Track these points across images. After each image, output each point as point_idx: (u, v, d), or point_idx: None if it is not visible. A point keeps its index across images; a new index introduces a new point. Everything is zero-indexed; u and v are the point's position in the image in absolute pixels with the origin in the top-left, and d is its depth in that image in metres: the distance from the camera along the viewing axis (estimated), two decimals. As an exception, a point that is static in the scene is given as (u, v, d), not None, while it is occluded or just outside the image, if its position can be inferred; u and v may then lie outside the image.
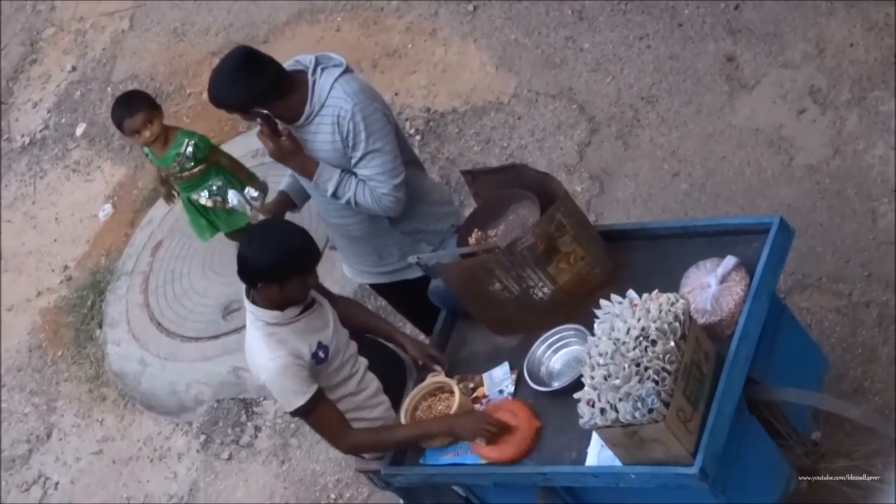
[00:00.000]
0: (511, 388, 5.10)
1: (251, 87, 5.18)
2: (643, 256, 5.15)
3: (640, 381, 4.40)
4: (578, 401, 4.55)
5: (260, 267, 4.86)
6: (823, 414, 4.97)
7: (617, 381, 4.42)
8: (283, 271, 4.85)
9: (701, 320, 4.73)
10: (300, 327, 4.99)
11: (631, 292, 4.66)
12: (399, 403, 5.24)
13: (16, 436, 7.64)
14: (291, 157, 5.35)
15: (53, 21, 9.53)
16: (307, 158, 5.34)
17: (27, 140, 9.01)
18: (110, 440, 7.37)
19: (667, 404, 4.41)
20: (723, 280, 4.79)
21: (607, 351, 4.47)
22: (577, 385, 4.63)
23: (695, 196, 6.51)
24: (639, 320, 4.50)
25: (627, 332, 4.49)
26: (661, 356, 4.44)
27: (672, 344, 4.47)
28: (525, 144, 7.11)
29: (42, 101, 9.13)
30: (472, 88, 7.46)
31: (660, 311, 4.52)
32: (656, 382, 4.41)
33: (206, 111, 8.09)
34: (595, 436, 4.70)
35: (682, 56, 6.95)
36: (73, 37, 9.31)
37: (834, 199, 6.18)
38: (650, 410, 4.39)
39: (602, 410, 4.46)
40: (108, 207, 8.37)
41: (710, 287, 4.79)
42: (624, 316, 4.55)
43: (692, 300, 4.77)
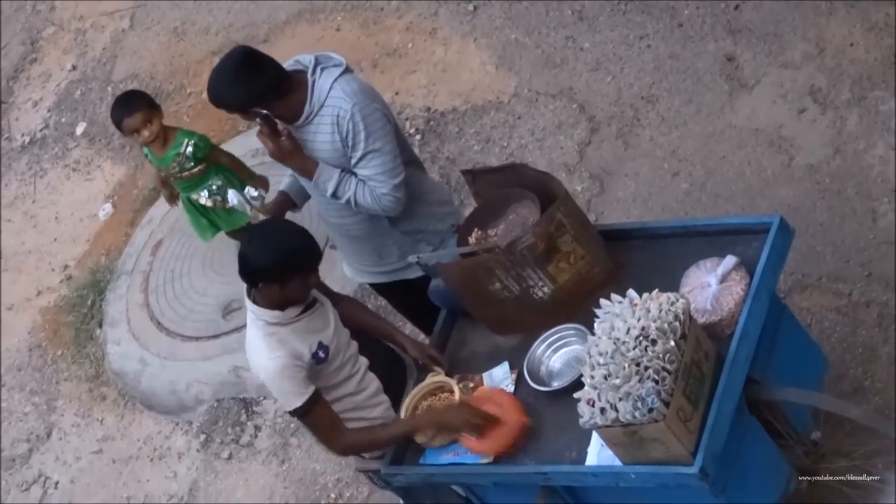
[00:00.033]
0: (511, 388, 5.10)
1: (251, 87, 5.17)
2: (643, 256, 5.15)
3: (640, 381, 4.40)
4: (578, 400, 4.55)
5: (261, 267, 4.86)
6: (823, 414, 4.96)
7: (617, 381, 4.42)
8: (284, 271, 4.85)
9: (701, 320, 4.73)
10: (301, 327, 4.98)
11: (631, 292, 4.65)
12: (399, 403, 5.24)
13: (16, 435, 7.63)
14: (291, 157, 5.34)
15: (54, 20, 9.52)
16: (307, 158, 5.33)
17: (27, 139, 9.00)
18: (110, 439, 7.36)
19: (667, 404, 4.41)
20: (723, 279, 4.79)
21: (607, 350, 4.47)
22: (577, 384, 4.63)
23: (695, 195, 6.50)
24: (639, 320, 4.50)
25: (627, 332, 4.49)
26: (661, 356, 4.43)
27: (672, 343, 4.46)
28: (525, 144, 7.11)
29: (42, 101, 9.13)
30: (472, 88, 7.46)
31: (660, 311, 4.51)
32: (656, 382, 4.41)
33: (206, 110, 8.08)
34: (595, 435, 4.70)
35: (682, 56, 6.95)
36: (74, 36, 9.30)
37: (834, 198, 6.18)
38: (650, 410, 4.39)
39: (602, 410, 4.46)
40: (108, 206, 8.37)
41: (711, 286, 4.79)
42: (624, 315, 4.55)
43: (692, 300, 4.76)
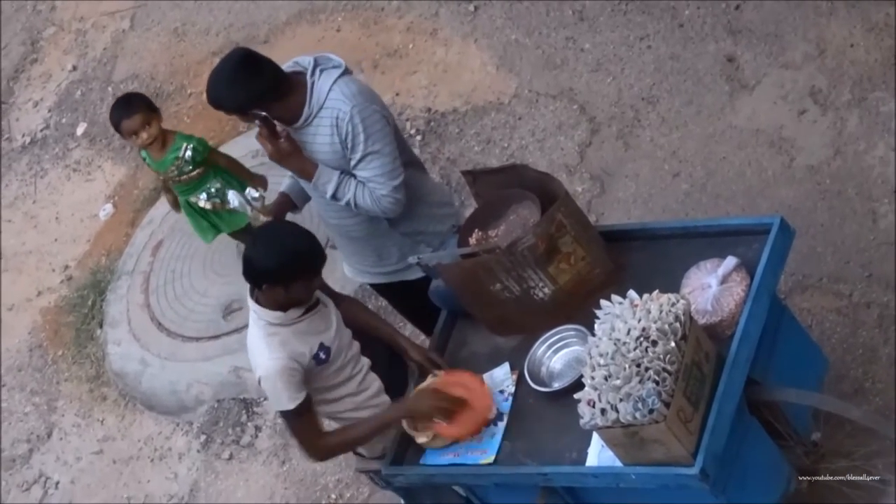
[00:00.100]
0: (511, 389, 5.10)
1: (249, 89, 5.17)
2: (644, 257, 5.15)
3: (640, 382, 4.40)
4: (579, 401, 4.55)
5: (265, 269, 4.86)
6: (824, 414, 4.96)
7: (617, 382, 4.42)
8: (289, 274, 4.85)
9: (701, 321, 4.73)
10: (302, 328, 4.99)
11: (631, 293, 4.66)
12: (400, 403, 5.24)
13: (16, 435, 7.63)
14: (290, 159, 5.33)
15: (54, 21, 9.52)
16: (306, 160, 5.32)
17: (28, 139, 9.00)
18: (111, 440, 7.36)
19: (667, 405, 4.41)
20: (723, 280, 4.79)
21: (608, 351, 4.47)
22: (578, 385, 4.63)
23: (695, 196, 6.50)
24: (639, 321, 4.50)
25: (628, 333, 4.49)
26: (661, 356, 4.44)
27: (672, 344, 4.46)
28: (526, 145, 7.11)
29: (43, 101, 9.13)
30: (472, 89, 7.46)
31: (660, 312, 4.51)
32: (657, 383, 4.41)
33: (206, 111, 8.08)
34: (595, 436, 4.70)
35: (682, 56, 6.95)
36: (74, 36, 9.30)
37: (834, 199, 6.18)
38: (651, 411, 4.39)
39: (602, 411, 4.46)
40: (108, 207, 8.37)
41: (711, 287, 4.79)
42: (624, 316, 4.55)
43: (693, 301, 4.77)
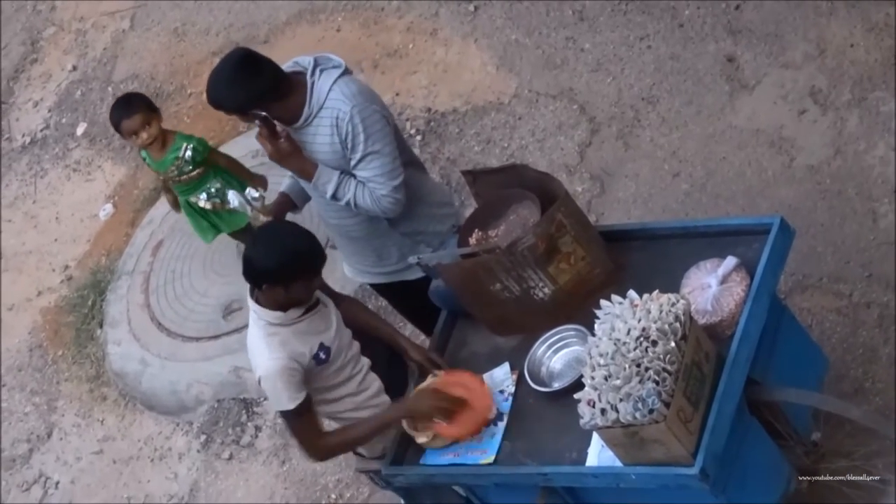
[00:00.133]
0: (511, 389, 5.10)
1: (249, 89, 5.16)
2: (644, 257, 5.15)
3: (640, 382, 4.40)
4: (579, 401, 4.55)
5: (265, 269, 4.86)
6: (824, 414, 4.96)
7: (617, 382, 4.42)
8: (289, 274, 4.85)
9: (701, 321, 4.73)
10: (302, 328, 4.99)
11: (631, 293, 4.65)
12: (400, 403, 5.24)
13: (16, 435, 7.63)
14: (290, 160, 5.33)
15: (54, 20, 9.52)
16: (306, 160, 5.32)
17: (28, 139, 9.00)
18: (111, 440, 7.36)
19: (667, 405, 4.41)
20: (723, 280, 4.79)
21: (608, 351, 4.47)
22: (578, 385, 4.63)
23: (695, 196, 6.50)
24: (639, 321, 4.50)
25: (628, 333, 4.49)
26: (661, 356, 4.44)
27: (672, 344, 4.46)
28: (526, 145, 7.11)
29: (43, 101, 9.13)
30: (472, 88, 7.46)
31: (660, 312, 4.51)
32: (657, 383, 4.41)
33: (206, 111, 8.08)
34: (595, 436, 4.70)
35: (682, 56, 6.95)
36: (74, 36, 9.30)
37: (834, 199, 6.18)
38: (651, 411, 4.39)
39: (602, 411, 4.46)
40: (108, 207, 8.37)
41: (711, 287, 4.79)
42: (624, 316, 4.55)
43: (693, 300, 4.77)
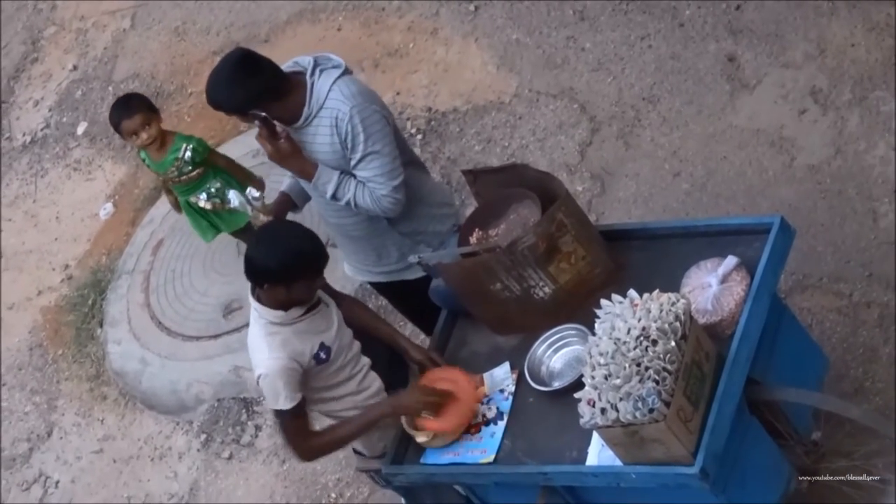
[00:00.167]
0: (512, 388, 5.10)
1: (248, 89, 5.16)
2: (644, 256, 5.15)
3: (640, 381, 4.40)
4: (579, 400, 4.55)
5: (267, 269, 4.86)
6: (824, 414, 4.96)
7: (617, 381, 4.42)
8: (291, 274, 4.85)
9: (702, 320, 4.73)
10: (303, 328, 4.99)
11: (632, 292, 4.65)
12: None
13: (16, 434, 7.63)
14: (290, 160, 5.33)
15: (55, 20, 9.52)
16: (306, 161, 5.32)
17: (28, 139, 9.00)
18: (111, 439, 7.36)
19: (667, 404, 4.41)
20: (724, 280, 4.79)
21: (608, 350, 4.47)
22: (578, 385, 4.63)
23: (696, 196, 6.50)
24: (639, 320, 4.50)
25: (628, 332, 4.49)
26: (661, 356, 4.44)
27: (673, 344, 4.46)
28: (526, 144, 7.10)
29: (43, 100, 9.13)
30: (473, 88, 7.46)
31: (660, 311, 4.51)
32: (657, 382, 4.41)
33: (207, 110, 8.04)
34: (596, 435, 4.70)
35: (683, 56, 6.95)
36: (75, 36, 9.30)
37: (835, 199, 6.18)
38: (651, 410, 4.39)
39: (603, 410, 4.46)
40: (109, 206, 8.37)
41: (711, 287, 4.79)
42: (625, 316, 4.55)
43: (693, 300, 4.76)
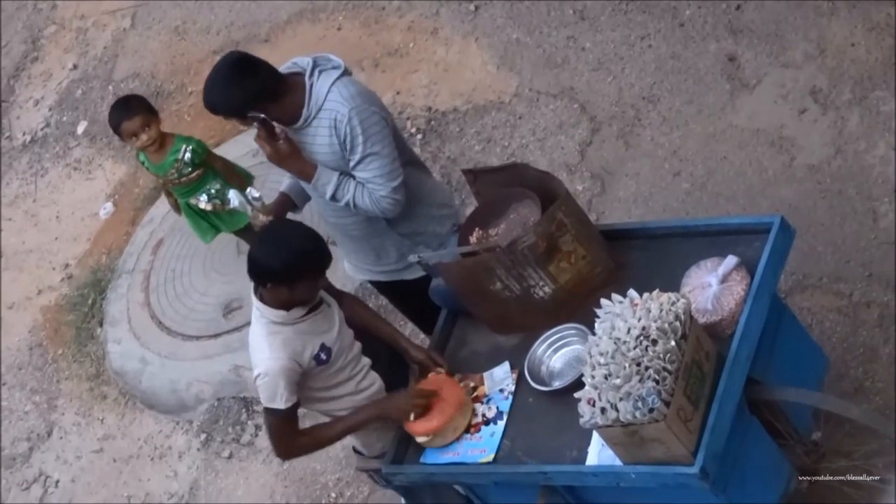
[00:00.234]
0: (512, 388, 5.10)
1: (244, 91, 5.15)
2: (644, 256, 5.15)
3: (640, 381, 4.40)
4: (579, 400, 4.55)
5: (270, 268, 4.86)
6: (824, 414, 4.96)
7: (617, 381, 4.42)
8: (294, 274, 4.85)
9: (702, 320, 4.73)
10: (304, 328, 4.99)
11: (632, 291, 4.65)
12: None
13: (16, 434, 7.63)
14: (289, 161, 5.32)
15: (55, 19, 9.52)
16: (305, 162, 5.31)
17: (28, 138, 9.00)
18: (111, 438, 7.36)
19: (667, 404, 4.41)
20: (724, 279, 4.79)
21: (608, 350, 4.47)
22: (578, 384, 4.63)
23: (696, 195, 6.50)
24: (639, 320, 4.50)
25: (628, 332, 4.49)
26: (661, 355, 4.44)
27: (673, 343, 4.46)
28: (526, 144, 7.11)
29: (43, 99, 9.13)
30: (473, 88, 7.46)
31: (660, 311, 4.51)
32: (657, 382, 4.41)
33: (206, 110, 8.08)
34: (596, 435, 4.70)
35: (683, 56, 6.95)
36: (75, 35, 9.30)
37: (835, 198, 6.18)
38: (651, 410, 4.39)
39: (603, 410, 4.46)
40: (109, 206, 8.37)
41: (711, 286, 4.79)
42: (625, 315, 4.55)
43: (693, 300, 4.76)
